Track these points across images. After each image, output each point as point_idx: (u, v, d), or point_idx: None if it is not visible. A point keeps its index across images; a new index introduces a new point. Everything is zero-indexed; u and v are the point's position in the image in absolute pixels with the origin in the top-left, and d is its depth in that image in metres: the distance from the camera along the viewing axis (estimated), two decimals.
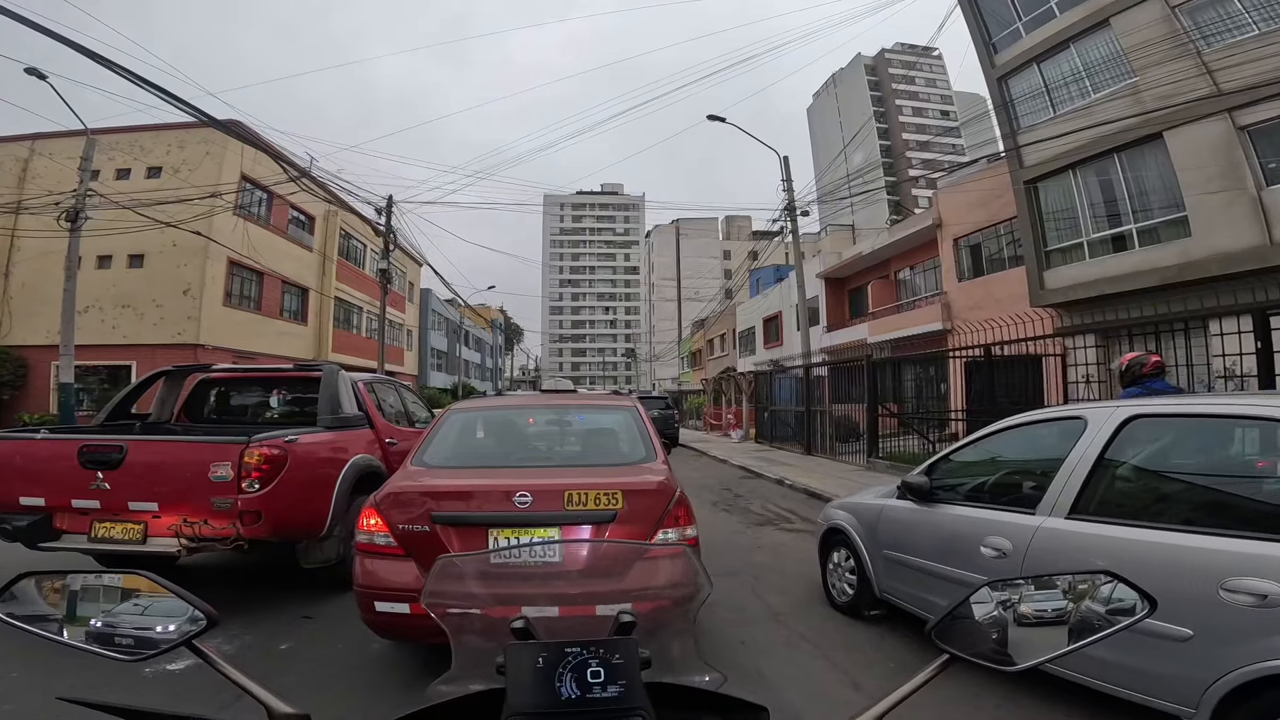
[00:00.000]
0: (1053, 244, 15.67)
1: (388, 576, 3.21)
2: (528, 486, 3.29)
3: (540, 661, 0.87)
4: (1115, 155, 14.17)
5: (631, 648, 0.89)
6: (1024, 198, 16.06)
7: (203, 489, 4.33)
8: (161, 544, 4.40)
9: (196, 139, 20.99)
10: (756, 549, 7.11)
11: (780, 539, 7.70)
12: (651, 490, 3.36)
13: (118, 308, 20.55)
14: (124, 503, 4.41)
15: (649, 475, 3.53)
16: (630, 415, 4.35)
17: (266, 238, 23.39)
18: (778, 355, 31.14)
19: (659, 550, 2.58)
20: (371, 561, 3.28)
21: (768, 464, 15.11)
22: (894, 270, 25.60)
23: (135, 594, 1.02)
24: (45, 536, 4.54)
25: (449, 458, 3.98)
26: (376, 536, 3.28)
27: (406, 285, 39.50)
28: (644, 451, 3.92)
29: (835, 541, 4.95)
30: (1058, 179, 15.46)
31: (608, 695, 0.84)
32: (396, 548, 3.25)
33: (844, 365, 16.07)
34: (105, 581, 1.04)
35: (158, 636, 0.97)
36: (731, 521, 8.80)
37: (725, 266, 78.98)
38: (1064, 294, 14.89)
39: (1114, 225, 14.37)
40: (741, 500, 10.65)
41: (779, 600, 5.15)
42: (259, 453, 4.39)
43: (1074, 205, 15.09)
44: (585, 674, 0.86)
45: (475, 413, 4.72)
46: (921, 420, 13.96)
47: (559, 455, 4.44)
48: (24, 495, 4.54)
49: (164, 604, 1.00)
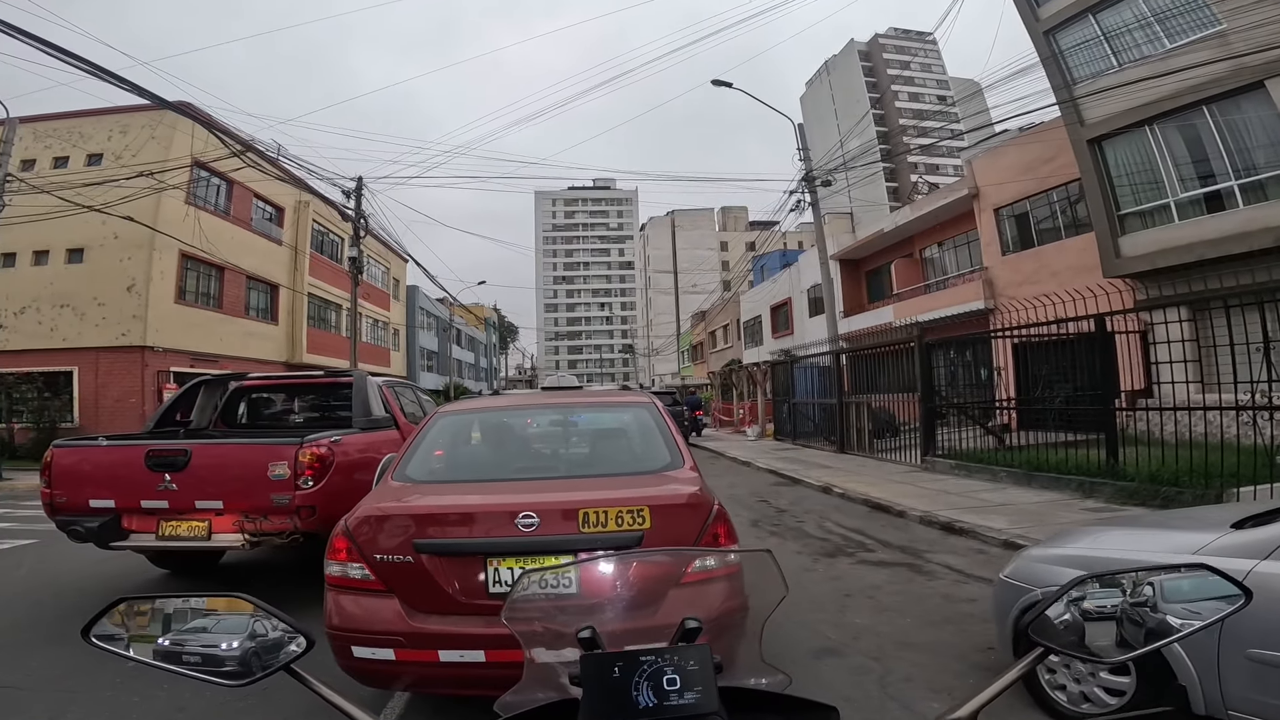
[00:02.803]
0: (1128, 207, 13.87)
1: (364, 616, 2.69)
2: (532, 505, 2.75)
3: (616, 671, 0.84)
4: (1204, 107, 12.47)
5: (705, 654, 0.87)
6: (1088, 158, 14.23)
7: (263, 487, 4.65)
8: (226, 539, 4.73)
9: (140, 123, 18.98)
10: (845, 601, 4.93)
11: (869, 579, 5.53)
12: (683, 504, 2.84)
13: (56, 308, 18.33)
14: (191, 502, 4.72)
15: (679, 485, 3.00)
16: (648, 412, 3.75)
17: (225, 229, 21.20)
18: (788, 344, 28.99)
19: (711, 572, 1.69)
20: (345, 598, 2.76)
21: (801, 466, 12.97)
22: (919, 248, 23.62)
23: (234, 617, 0.99)
24: (115, 536, 4.82)
25: (435, 470, 3.46)
26: (350, 568, 2.77)
27: (391, 282, 37.20)
28: (668, 456, 3.32)
29: None
30: (1129, 136, 13.70)
31: (685, 702, 0.82)
32: (375, 581, 2.73)
33: (886, 349, 13.90)
34: (203, 605, 1.01)
35: (260, 661, 0.95)
36: (788, 551, 6.64)
37: (723, 258, 77.09)
38: (1149, 261, 13.02)
39: (1207, 183, 12.65)
40: (789, 517, 8.49)
41: (942, 708, 3.01)
42: (311, 452, 4.71)
43: (1153, 163, 13.35)
44: (661, 682, 0.83)
45: (466, 415, 4.13)
46: (982, 410, 11.87)
47: (567, 464, 3.81)
48: (94, 498, 4.82)
49: (263, 626, 0.97)
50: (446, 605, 2.65)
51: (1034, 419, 11.06)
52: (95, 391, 17.99)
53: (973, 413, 11.83)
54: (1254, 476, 6.49)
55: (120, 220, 16.57)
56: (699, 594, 1.45)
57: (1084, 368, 9.54)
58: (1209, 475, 6.93)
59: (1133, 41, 13.70)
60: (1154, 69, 12.76)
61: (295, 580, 5.11)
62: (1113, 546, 2.85)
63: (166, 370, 18.65)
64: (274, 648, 0.96)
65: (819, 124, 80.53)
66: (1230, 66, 11.85)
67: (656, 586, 1.25)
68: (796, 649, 3.91)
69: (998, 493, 8.71)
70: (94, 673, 3.69)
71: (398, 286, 38.97)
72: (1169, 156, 13.09)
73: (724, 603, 1.32)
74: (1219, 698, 2.30)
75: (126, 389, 17.99)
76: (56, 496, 4.90)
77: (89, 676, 3.70)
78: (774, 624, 4.35)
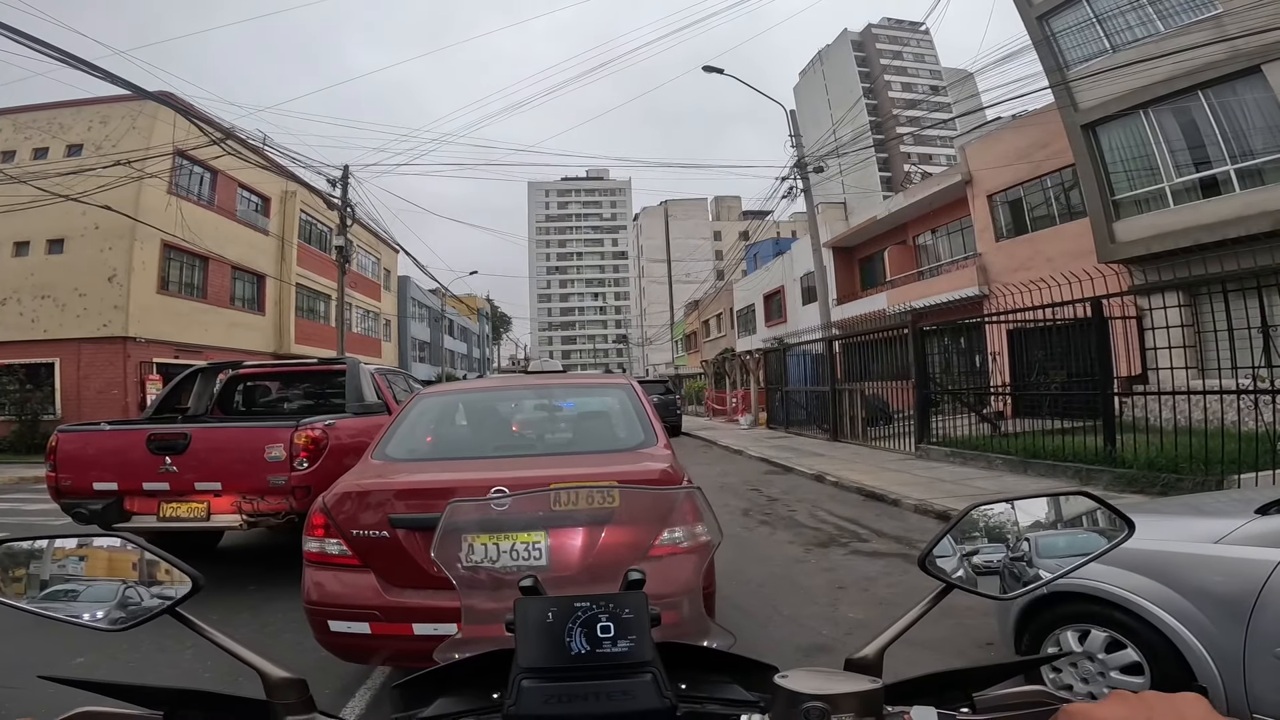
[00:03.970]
0: (1122, 192, 13.73)
1: (341, 591, 2.72)
2: (505, 480, 2.73)
3: (550, 616, 0.84)
4: (1200, 92, 12.30)
5: (641, 602, 0.86)
6: (1082, 143, 14.08)
7: (260, 468, 4.78)
8: (225, 520, 4.89)
9: (120, 113, 18.52)
10: (839, 594, 4.77)
11: (863, 570, 5.37)
12: (654, 480, 2.82)
13: (37, 299, 17.93)
14: (191, 484, 4.85)
15: (650, 463, 3.04)
16: (626, 394, 3.79)
17: (209, 218, 20.77)
18: (781, 333, 28.78)
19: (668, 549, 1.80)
20: (322, 574, 2.76)
21: (794, 454, 12.82)
22: (912, 235, 23.41)
23: (114, 559, 0.94)
24: (118, 518, 4.91)
25: (414, 449, 3.46)
26: (328, 544, 2.77)
27: (382, 273, 36.79)
28: (642, 435, 3.39)
29: (1069, 614, 2.64)
30: (1124, 121, 13.53)
31: (617, 650, 0.82)
32: (351, 557, 2.75)
33: (880, 335, 13.73)
34: (82, 547, 0.95)
35: (140, 604, 0.90)
36: (779, 541, 6.47)
37: (716, 247, 76.78)
38: (1144, 245, 12.87)
39: (1203, 169, 12.50)
40: (780, 505, 8.33)
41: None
42: (306, 435, 4.84)
43: (1148, 149, 13.18)
44: (595, 629, 0.83)
45: (448, 396, 4.18)
46: (976, 396, 11.73)
47: (544, 443, 3.87)
48: (97, 481, 4.93)
49: (146, 569, 0.92)
50: (421, 579, 2.67)
51: (1029, 405, 10.95)
52: (77, 383, 17.66)
53: (968, 399, 11.69)
54: (1255, 463, 6.36)
55: (100, 210, 16.22)
56: (666, 568, 1.41)
57: (1079, 353, 9.42)
58: (1209, 461, 6.80)
59: (1126, 24, 13.51)
60: (1148, 52, 12.58)
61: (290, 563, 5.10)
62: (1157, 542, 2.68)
63: (149, 361, 18.32)
64: (159, 590, 0.91)
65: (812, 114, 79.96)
66: (1226, 50, 11.65)
67: (624, 556, 1.21)
68: (786, 645, 3.74)
69: (993, 480, 8.58)
70: None
71: (389, 277, 38.54)
72: (1164, 141, 12.92)
73: (691, 578, 1.32)
74: (1244, 699, 2.13)
75: (108, 380, 17.67)
76: (62, 480, 5.01)
77: None
78: (763, 619, 4.17)
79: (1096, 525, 1.03)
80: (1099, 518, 1.03)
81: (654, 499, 2.06)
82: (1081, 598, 2.55)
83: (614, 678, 0.80)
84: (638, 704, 0.78)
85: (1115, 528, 1.01)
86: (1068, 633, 2.63)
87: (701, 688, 0.89)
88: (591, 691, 0.78)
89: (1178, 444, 7.19)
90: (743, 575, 5.16)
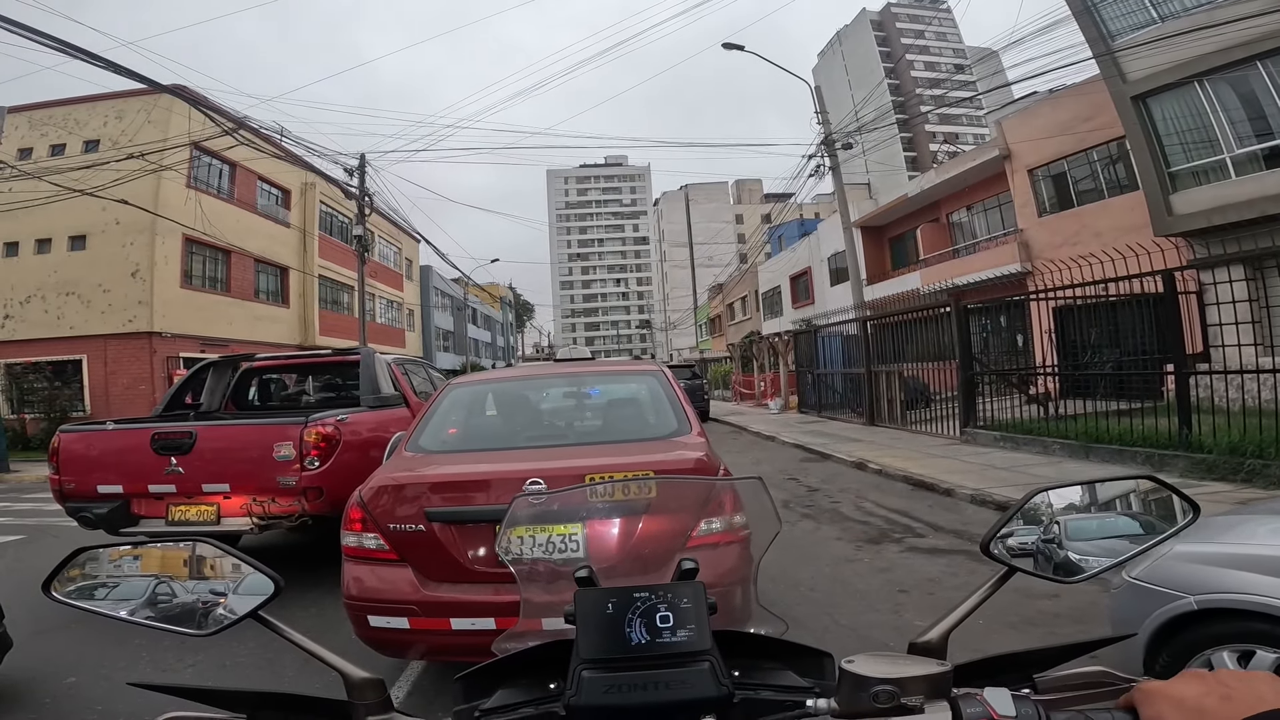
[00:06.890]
0: (1178, 164, 12.98)
1: (380, 586, 2.71)
2: (540, 472, 2.71)
3: (610, 607, 0.83)
4: (1259, 63, 11.58)
5: (699, 591, 0.85)
6: (1133, 115, 13.31)
7: (269, 468, 4.54)
8: (235, 523, 4.63)
9: (135, 107, 18.40)
10: (900, 598, 4.32)
11: (924, 570, 4.90)
12: (689, 469, 2.82)
13: (61, 295, 18.00)
14: (198, 485, 4.62)
15: (685, 451, 3.00)
16: (657, 381, 3.75)
17: (229, 211, 20.70)
18: (809, 314, 28.15)
19: (709, 538, 1.89)
20: (360, 568, 2.77)
21: (830, 440, 12.33)
22: (945, 212, 22.66)
23: (195, 562, 0.94)
24: (125, 522, 4.73)
25: (447, 441, 3.46)
26: (365, 538, 2.76)
27: (404, 262, 36.71)
28: (675, 423, 3.30)
29: (1227, 633, 2.20)
30: (1177, 92, 12.79)
31: (677, 640, 0.81)
32: (389, 551, 2.73)
33: (918, 314, 13.10)
34: (167, 552, 0.96)
35: (226, 609, 0.89)
36: (826, 537, 6.02)
37: (738, 230, 75.84)
38: (1205, 218, 12.15)
39: (1265, 140, 11.81)
40: (822, 496, 7.87)
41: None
42: (316, 431, 4.59)
43: (1205, 119, 12.48)
44: (655, 619, 0.82)
45: (478, 386, 4.12)
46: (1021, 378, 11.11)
47: (576, 432, 3.86)
48: (102, 484, 4.73)
49: (228, 571, 0.92)
50: (458, 574, 2.68)
51: (1077, 386, 10.34)
52: (105, 379, 17.72)
53: (1014, 380, 11.08)
54: None
55: (121, 206, 16.13)
56: (705, 559, 1.27)
57: (1137, 330, 8.83)
58: None
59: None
60: (1198, 22, 11.81)
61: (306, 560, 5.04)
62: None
63: (176, 355, 18.31)
64: (242, 594, 0.90)
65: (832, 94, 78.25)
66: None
67: (663, 546, 1.21)
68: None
69: (1052, 467, 8.01)
70: None
71: (410, 267, 38.49)
72: (1222, 111, 12.22)
73: (730, 567, 1.29)
74: None
75: (136, 375, 17.69)
76: (65, 483, 4.82)
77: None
78: (819, 629, 3.60)
79: (1163, 509, 1.03)
80: (1166, 501, 1.02)
81: (691, 489, 1.87)
82: (1243, 614, 2.09)
83: (671, 667, 0.79)
84: (696, 692, 0.77)
85: (1181, 512, 0.99)
86: (1223, 653, 2.18)
87: (755, 675, 0.88)
88: (650, 681, 0.77)
89: (1261, 427, 6.59)
90: (789, 577, 4.73)
